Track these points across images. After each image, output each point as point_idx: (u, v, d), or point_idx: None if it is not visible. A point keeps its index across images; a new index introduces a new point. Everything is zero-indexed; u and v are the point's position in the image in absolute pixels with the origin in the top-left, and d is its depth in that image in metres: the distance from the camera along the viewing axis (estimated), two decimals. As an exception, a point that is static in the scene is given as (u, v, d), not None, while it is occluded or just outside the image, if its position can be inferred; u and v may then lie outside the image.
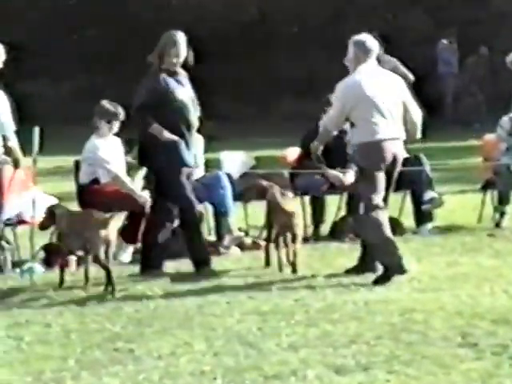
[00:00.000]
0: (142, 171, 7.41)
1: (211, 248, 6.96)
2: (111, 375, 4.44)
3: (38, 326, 5.28)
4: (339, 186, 7.88)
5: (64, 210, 6.33)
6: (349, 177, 7.91)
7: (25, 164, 6.09)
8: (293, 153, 8.14)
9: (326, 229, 7.76)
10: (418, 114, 6.29)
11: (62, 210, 6.31)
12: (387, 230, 6.04)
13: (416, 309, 5.35)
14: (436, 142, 13.09)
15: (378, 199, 6.06)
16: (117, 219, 6.26)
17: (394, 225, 6.46)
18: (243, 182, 7.51)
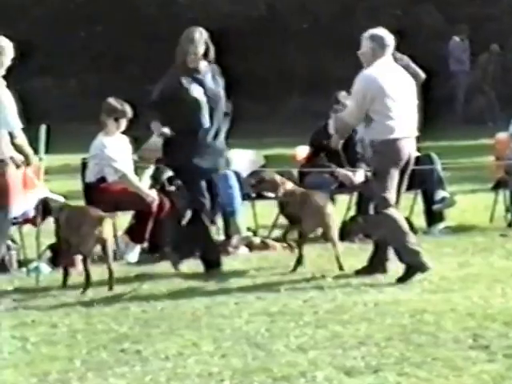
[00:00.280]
0: (150, 170, 7.42)
1: (220, 248, 6.96)
2: (118, 376, 4.45)
3: (43, 327, 5.30)
4: (349, 185, 7.88)
5: (61, 205, 6.32)
6: (359, 176, 7.91)
7: (33, 161, 6.09)
8: (302, 151, 8.14)
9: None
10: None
11: (57, 204, 6.31)
12: (406, 228, 6.05)
13: (427, 310, 5.34)
14: (447, 140, 13.07)
15: (392, 198, 6.05)
16: (112, 218, 6.21)
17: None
18: (254, 177, 7.51)
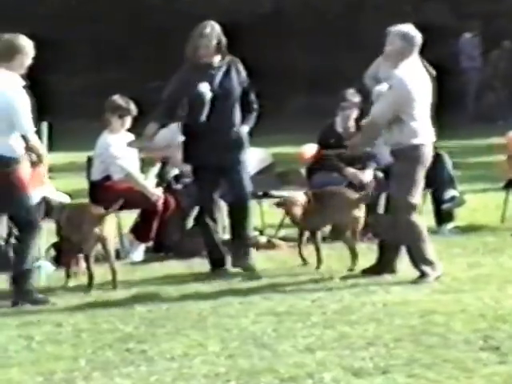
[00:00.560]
0: (155, 168, 7.45)
1: (225, 247, 6.98)
2: (123, 376, 4.47)
3: (48, 326, 5.32)
4: (357, 184, 7.89)
5: (62, 203, 6.34)
6: (367, 175, 7.92)
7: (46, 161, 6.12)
8: (310, 149, 8.15)
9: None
10: None
11: (59, 203, 6.33)
12: (427, 237, 6.11)
13: (436, 311, 5.35)
14: (458, 139, 13.06)
15: (418, 204, 6.10)
16: (113, 216, 6.20)
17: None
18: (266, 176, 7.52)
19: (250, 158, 7.76)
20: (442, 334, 4.92)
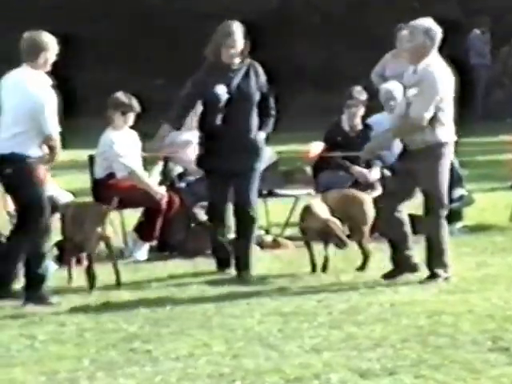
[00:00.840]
0: (159, 166, 7.47)
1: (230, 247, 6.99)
2: (127, 376, 4.49)
3: (51, 325, 5.35)
4: (364, 182, 7.90)
5: (67, 202, 6.35)
6: (374, 173, 7.93)
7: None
8: (316, 147, 8.16)
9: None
10: None
11: (64, 202, 6.35)
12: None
13: (444, 311, 5.36)
14: (466, 137, 13.01)
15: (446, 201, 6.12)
16: (110, 210, 6.16)
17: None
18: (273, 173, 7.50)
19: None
20: (450, 335, 4.93)
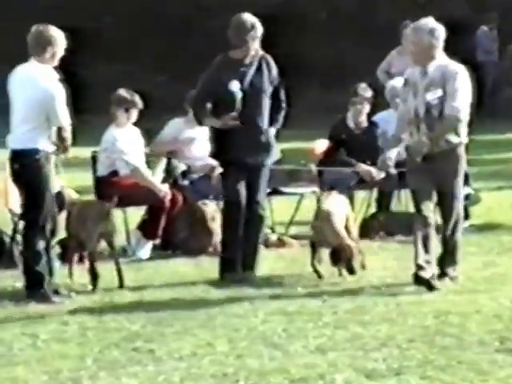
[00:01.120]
0: (162, 163, 7.47)
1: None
2: (130, 375, 4.49)
3: (54, 324, 5.35)
4: (369, 181, 7.90)
5: (72, 199, 6.36)
6: (379, 172, 7.92)
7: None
8: (321, 145, 8.16)
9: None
10: None
11: (69, 199, 6.36)
12: None
13: (451, 311, 5.36)
14: (473, 134, 12.99)
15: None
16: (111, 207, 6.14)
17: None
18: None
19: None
20: (457, 335, 4.93)
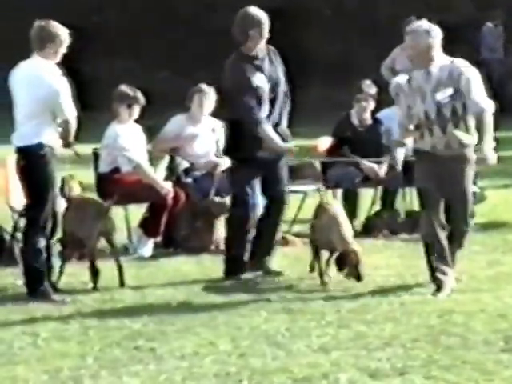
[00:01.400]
0: (165, 161, 7.46)
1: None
2: (131, 374, 4.48)
3: (54, 322, 5.34)
4: (374, 178, 7.89)
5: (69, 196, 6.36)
6: (384, 169, 7.91)
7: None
8: (325, 142, 8.14)
9: (358, 224, 7.73)
10: None
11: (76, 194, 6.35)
12: None
13: (455, 310, 5.35)
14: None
15: None
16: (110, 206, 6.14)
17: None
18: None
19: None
20: (461, 335, 4.92)
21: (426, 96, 5.85)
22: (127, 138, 7.18)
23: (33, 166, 5.79)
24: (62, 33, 5.86)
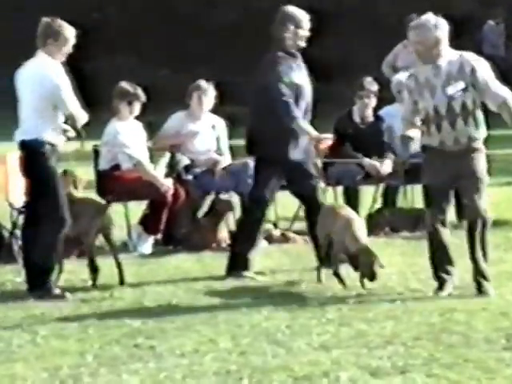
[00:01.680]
0: (165, 158, 7.45)
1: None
2: (131, 372, 4.47)
3: (53, 320, 5.33)
4: (375, 175, 7.87)
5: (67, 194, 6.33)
6: (386, 166, 7.90)
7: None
8: (326, 140, 8.10)
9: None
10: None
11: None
12: None
13: (457, 308, 5.33)
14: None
15: None
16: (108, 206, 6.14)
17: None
18: None
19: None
20: (463, 333, 4.90)
21: (435, 91, 5.75)
22: (127, 135, 7.17)
23: (33, 161, 5.79)
24: (67, 31, 5.86)
